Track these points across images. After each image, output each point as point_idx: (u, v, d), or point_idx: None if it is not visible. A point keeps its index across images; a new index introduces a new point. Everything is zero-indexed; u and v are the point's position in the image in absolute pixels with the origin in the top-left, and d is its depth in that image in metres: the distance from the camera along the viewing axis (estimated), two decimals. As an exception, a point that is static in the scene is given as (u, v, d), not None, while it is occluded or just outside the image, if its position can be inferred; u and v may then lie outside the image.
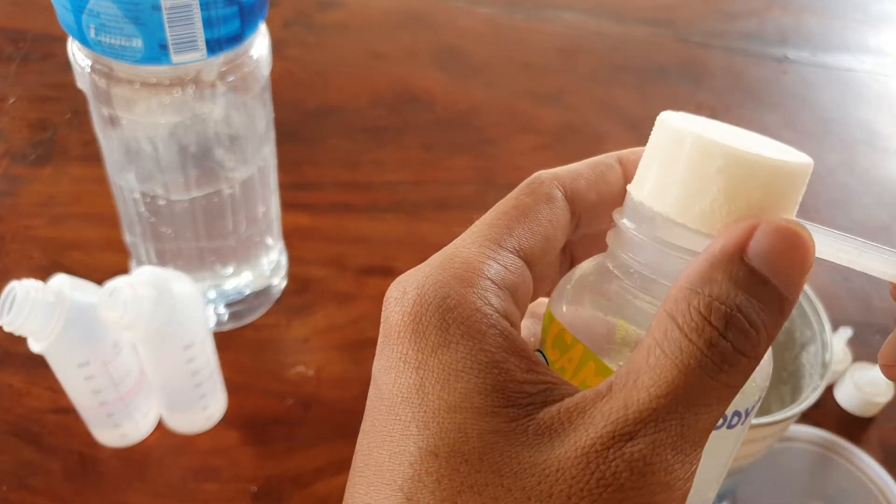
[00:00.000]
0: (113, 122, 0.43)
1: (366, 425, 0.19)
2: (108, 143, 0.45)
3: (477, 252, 0.19)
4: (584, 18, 0.86)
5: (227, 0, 0.37)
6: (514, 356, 0.18)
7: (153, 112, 0.41)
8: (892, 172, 0.73)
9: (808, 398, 0.39)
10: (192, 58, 0.37)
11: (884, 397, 0.51)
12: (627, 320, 0.21)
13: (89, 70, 0.40)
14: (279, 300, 0.55)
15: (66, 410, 0.47)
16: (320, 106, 0.72)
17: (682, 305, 0.17)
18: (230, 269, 0.51)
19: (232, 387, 0.49)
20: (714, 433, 0.18)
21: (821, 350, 0.43)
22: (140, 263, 0.51)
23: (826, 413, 0.52)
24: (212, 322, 0.52)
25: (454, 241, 0.20)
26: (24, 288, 0.37)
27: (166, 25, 0.36)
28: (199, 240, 0.48)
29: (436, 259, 0.19)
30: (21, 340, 0.39)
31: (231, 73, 0.41)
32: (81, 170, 0.63)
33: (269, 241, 0.52)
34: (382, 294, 0.23)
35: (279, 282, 0.55)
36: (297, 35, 0.80)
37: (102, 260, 0.56)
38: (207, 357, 0.44)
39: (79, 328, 0.39)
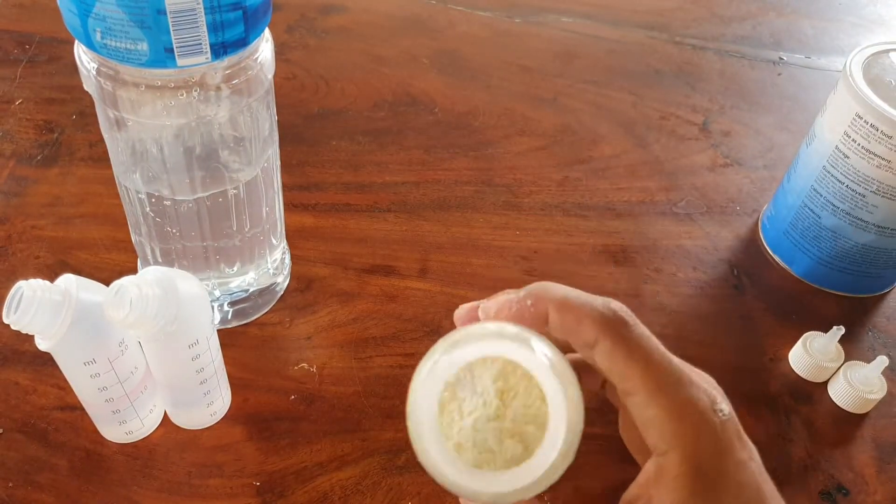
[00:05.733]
0: (119, 123, 0.43)
1: None
2: (114, 145, 0.45)
3: None
4: (581, 22, 0.87)
5: (232, 5, 0.37)
6: None
7: (159, 114, 0.41)
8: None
9: None
10: (196, 61, 0.37)
11: (877, 394, 0.52)
12: None
13: (95, 73, 0.40)
14: (282, 298, 0.56)
15: (73, 408, 0.47)
16: (323, 108, 0.72)
17: None
18: (235, 268, 0.51)
19: (236, 383, 0.50)
20: None
21: None
22: (146, 263, 0.52)
23: (820, 409, 0.53)
24: (216, 320, 0.53)
25: None
26: (30, 287, 0.37)
27: (171, 29, 0.36)
28: (205, 239, 0.48)
29: None
30: (28, 338, 0.39)
31: (235, 76, 0.41)
32: (87, 170, 0.64)
33: (273, 240, 0.53)
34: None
35: (283, 280, 0.56)
36: (300, 39, 0.80)
37: (108, 259, 0.57)
38: (212, 354, 0.44)
39: (85, 327, 0.39)
